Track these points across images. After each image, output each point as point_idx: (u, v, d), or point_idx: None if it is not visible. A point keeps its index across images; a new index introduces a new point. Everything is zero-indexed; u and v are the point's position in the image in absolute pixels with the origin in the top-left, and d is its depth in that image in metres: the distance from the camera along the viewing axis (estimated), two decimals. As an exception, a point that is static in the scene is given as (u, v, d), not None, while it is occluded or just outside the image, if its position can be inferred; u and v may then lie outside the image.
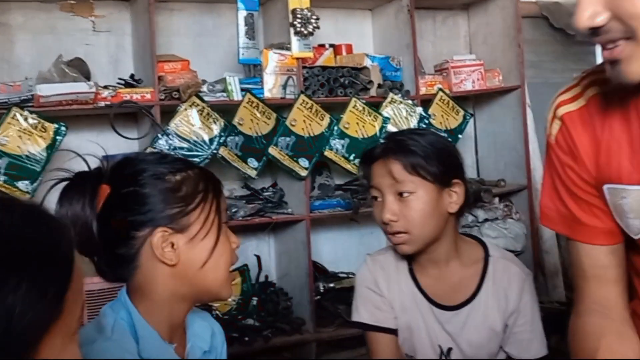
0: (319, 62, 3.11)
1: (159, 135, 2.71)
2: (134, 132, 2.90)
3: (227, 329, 1.44)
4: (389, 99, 3.14)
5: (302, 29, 2.90)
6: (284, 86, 2.94)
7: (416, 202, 1.58)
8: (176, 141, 2.73)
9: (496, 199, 3.45)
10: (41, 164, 2.50)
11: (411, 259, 1.70)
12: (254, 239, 3.23)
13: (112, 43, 3.02)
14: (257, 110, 2.88)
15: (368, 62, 3.20)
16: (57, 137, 2.54)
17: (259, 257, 3.13)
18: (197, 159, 2.71)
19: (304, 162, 2.97)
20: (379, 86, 3.16)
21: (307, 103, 2.95)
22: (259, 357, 2.94)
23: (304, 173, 2.97)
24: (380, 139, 3.07)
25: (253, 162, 2.90)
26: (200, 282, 1.21)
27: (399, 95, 3.16)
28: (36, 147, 2.50)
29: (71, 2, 2.93)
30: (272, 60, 2.91)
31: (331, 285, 3.13)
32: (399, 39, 3.28)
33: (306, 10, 2.91)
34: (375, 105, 3.11)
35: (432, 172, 1.58)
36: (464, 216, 1.76)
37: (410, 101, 3.17)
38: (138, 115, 2.88)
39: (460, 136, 3.33)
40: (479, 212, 3.39)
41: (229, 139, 2.84)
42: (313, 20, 2.91)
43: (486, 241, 1.75)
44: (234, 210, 2.85)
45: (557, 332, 3.03)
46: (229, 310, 2.93)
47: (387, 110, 3.13)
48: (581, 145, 1.21)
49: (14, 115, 2.47)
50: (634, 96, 1.12)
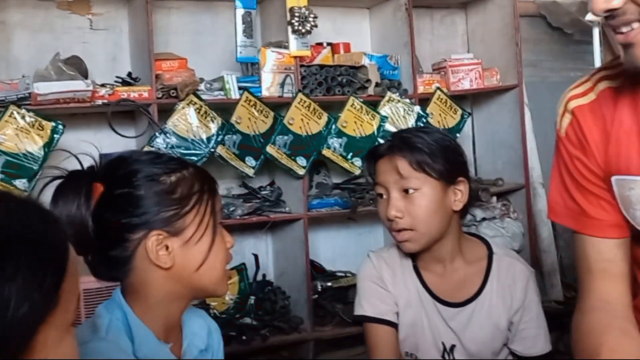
0: (316, 61, 3.10)
1: (157, 133, 2.71)
2: (132, 130, 2.90)
3: (224, 327, 1.44)
4: (386, 98, 3.13)
5: (300, 27, 2.90)
6: (282, 85, 2.93)
7: (421, 198, 1.58)
8: (173, 139, 2.73)
9: (494, 198, 3.45)
10: (38, 162, 2.50)
11: (415, 256, 1.70)
12: (252, 237, 3.23)
13: (110, 41, 3.01)
14: (255, 108, 2.87)
15: (366, 61, 3.19)
16: (55, 136, 2.53)
17: (256, 256, 3.12)
18: (194, 158, 2.71)
19: (301, 161, 2.96)
20: (376, 85, 3.16)
21: (304, 102, 2.94)
22: (256, 356, 2.94)
23: (301, 172, 2.97)
24: (378, 138, 3.07)
25: (251, 161, 2.90)
26: (196, 283, 1.21)
27: (397, 94, 3.15)
28: (33, 146, 2.50)
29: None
30: (270, 59, 2.91)
31: (329, 284, 3.13)
32: (396, 37, 3.28)
33: (304, 8, 2.90)
34: (373, 104, 3.11)
35: (438, 169, 1.59)
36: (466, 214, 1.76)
37: (408, 100, 3.17)
38: (135, 114, 2.88)
39: (457, 135, 3.32)
40: (476, 211, 3.39)
41: (226, 137, 2.83)
42: (311, 19, 2.91)
43: (489, 240, 1.75)
44: (231, 208, 2.85)
45: (555, 331, 3.04)
46: (227, 309, 2.93)
47: (384, 109, 3.13)
48: (591, 137, 1.23)
49: (11, 113, 2.46)
50: None
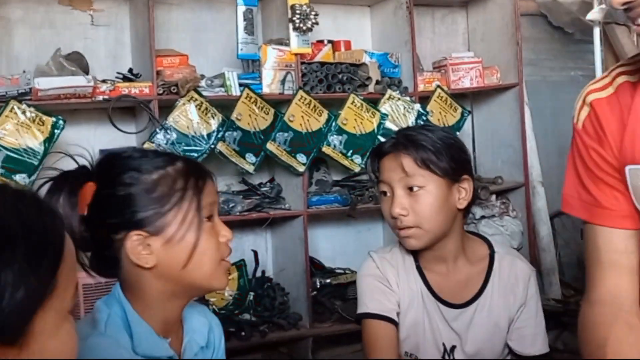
0: (317, 58, 3.11)
1: (157, 129, 2.71)
2: (132, 126, 2.90)
3: (223, 323, 1.44)
4: (387, 96, 3.14)
5: (301, 24, 2.90)
6: (283, 82, 2.94)
7: (426, 196, 1.58)
8: (174, 136, 2.73)
9: (493, 196, 3.45)
10: (39, 158, 2.50)
11: (418, 256, 1.69)
12: (251, 234, 3.23)
13: (111, 37, 3.01)
14: (256, 105, 2.88)
15: (366, 59, 3.20)
16: (55, 131, 2.54)
17: (256, 253, 3.13)
18: (194, 154, 2.72)
19: (301, 158, 2.97)
20: (377, 82, 3.16)
21: (305, 99, 2.95)
22: (255, 352, 2.95)
23: (301, 169, 2.97)
24: (378, 136, 3.08)
25: (251, 158, 2.91)
26: (186, 281, 1.19)
27: (397, 91, 3.16)
28: (34, 141, 2.50)
29: (70, -5, 2.93)
30: (271, 56, 2.91)
31: (328, 280, 3.13)
32: (397, 35, 3.28)
33: (305, 6, 2.91)
34: (373, 102, 3.11)
35: (442, 167, 1.58)
36: (469, 213, 1.75)
37: (408, 98, 3.17)
38: (136, 110, 2.88)
39: (457, 133, 3.32)
40: (475, 209, 3.39)
41: (227, 134, 2.84)
42: (312, 16, 2.92)
43: (489, 238, 1.75)
44: (231, 205, 2.85)
45: (554, 329, 3.05)
46: (226, 305, 2.94)
47: (385, 107, 3.13)
48: (608, 127, 1.24)
49: (12, 108, 2.47)
50: None
